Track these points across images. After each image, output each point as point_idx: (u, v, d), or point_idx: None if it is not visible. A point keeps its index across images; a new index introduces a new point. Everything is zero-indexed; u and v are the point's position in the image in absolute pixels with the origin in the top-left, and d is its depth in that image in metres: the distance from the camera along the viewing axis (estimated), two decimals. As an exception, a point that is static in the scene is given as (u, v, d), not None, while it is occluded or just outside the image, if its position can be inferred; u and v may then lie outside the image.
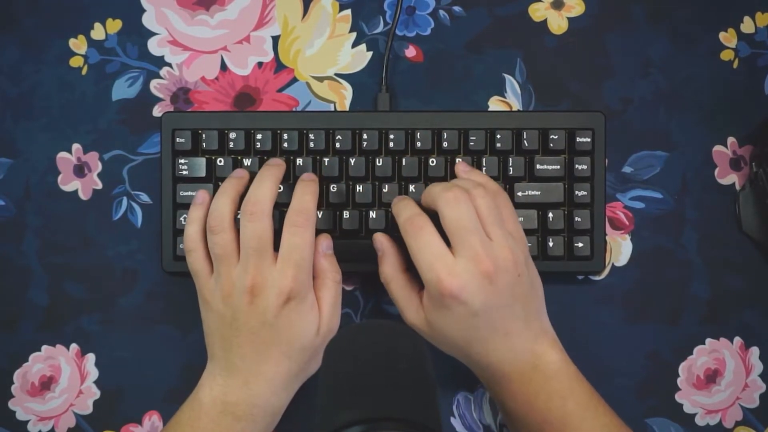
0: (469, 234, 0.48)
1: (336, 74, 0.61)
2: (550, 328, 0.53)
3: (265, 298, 0.49)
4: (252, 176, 0.53)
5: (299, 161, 0.57)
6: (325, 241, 0.53)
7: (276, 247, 0.51)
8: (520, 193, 0.57)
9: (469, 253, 0.48)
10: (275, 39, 0.62)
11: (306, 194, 0.52)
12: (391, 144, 0.57)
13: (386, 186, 0.57)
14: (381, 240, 0.54)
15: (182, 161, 0.57)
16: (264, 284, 0.49)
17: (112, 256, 0.60)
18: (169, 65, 0.61)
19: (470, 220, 0.49)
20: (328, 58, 0.61)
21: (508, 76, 0.61)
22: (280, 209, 0.55)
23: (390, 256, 0.53)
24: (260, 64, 0.61)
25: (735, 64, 0.62)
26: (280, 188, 0.55)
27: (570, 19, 0.62)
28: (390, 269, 0.53)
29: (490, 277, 0.48)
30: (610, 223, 0.60)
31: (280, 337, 0.50)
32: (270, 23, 0.62)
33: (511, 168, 0.57)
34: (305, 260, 0.50)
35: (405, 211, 0.51)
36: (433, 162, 0.57)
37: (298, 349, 0.51)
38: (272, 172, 0.52)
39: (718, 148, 0.61)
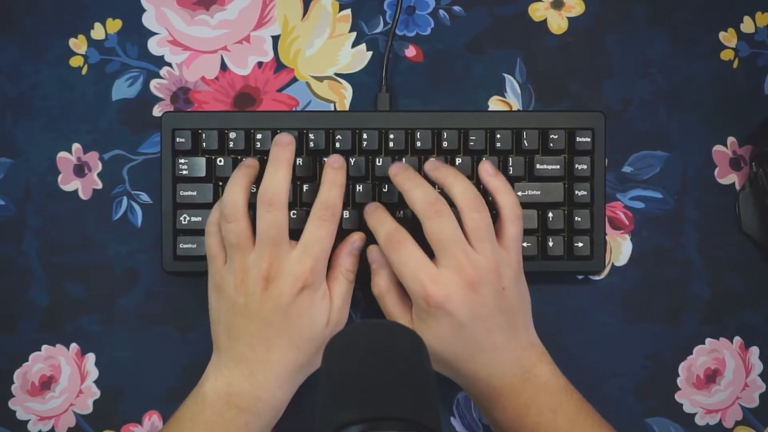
0: (451, 244, 0.49)
1: (336, 74, 0.61)
2: (538, 341, 0.53)
3: (281, 284, 0.49)
4: (261, 165, 0.53)
5: (299, 161, 0.57)
6: (359, 241, 0.54)
7: (291, 235, 0.51)
8: (520, 193, 0.57)
9: (452, 263, 0.49)
10: (275, 39, 0.62)
11: (333, 187, 0.52)
12: (391, 144, 0.57)
13: (386, 186, 0.57)
14: (376, 253, 0.53)
15: (182, 161, 0.57)
16: (280, 271, 0.50)
17: (112, 256, 0.60)
18: (169, 65, 0.61)
19: (453, 232, 0.49)
20: (328, 58, 0.61)
21: (508, 76, 0.61)
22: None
23: (384, 269, 0.53)
24: (260, 64, 0.61)
25: (735, 64, 0.62)
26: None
27: (570, 19, 0.62)
28: (384, 282, 0.53)
29: (474, 286, 0.48)
30: (610, 223, 0.60)
31: (291, 325, 0.50)
32: (270, 23, 0.62)
33: (511, 168, 0.57)
34: (324, 253, 0.50)
35: (382, 226, 0.51)
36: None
37: (307, 339, 0.51)
38: (285, 157, 0.52)
39: (718, 148, 0.61)
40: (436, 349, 0.50)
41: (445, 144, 0.57)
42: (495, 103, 0.61)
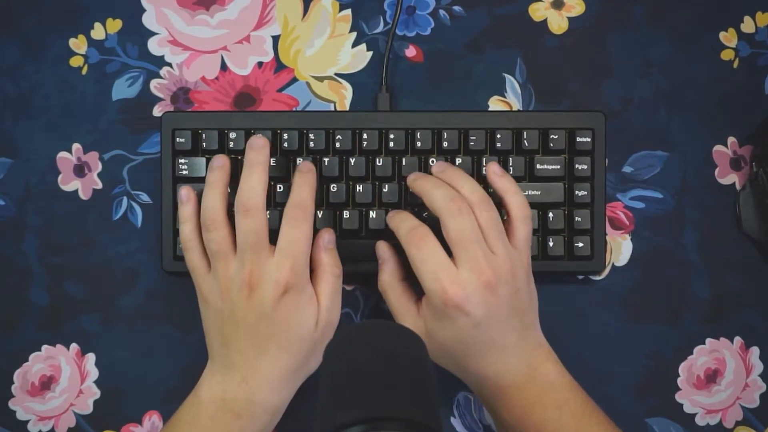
0: (471, 244, 0.49)
1: (336, 74, 0.61)
2: (545, 340, 0.53)
3: (263, 290, 0.49)
4: (234, 162, 0.54)
5: (299, 161, 0.57)
6: (327, 235, 0.53)
7: (272, 239, 0.51)
8: (520, 193, 0.57)
9: (471, 264, 0.49)
10: (275, 39, 0.62)
11: (304, 187, 0.52)
12: (391, 144, 0.57)
13: (386, 186, 0.57)
14: (384, 248, 0.54)
15: (182, 161, 0.57)
16: (261, 277, 0.49)
17: (112, 256, 0.60)
18: (169, 65, 0.61)
19: (473, 231, 0.49)
20: (328, 58, 0.61)
21: (508, 76, 0.61)
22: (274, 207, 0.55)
23: (390, 264, 0.54)
24: (260, 64, 0.61)
25: (735, 64, 0.62)
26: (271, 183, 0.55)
27: (570, 19, 0.62)
28: (389, 277, 0.53)
29: (492, 288, 0.48)
30: (610, 223, 0.60)
31: (278, 329, 0.50)
32: (270, 23, 0.62)
33: (511, 168, 0.57)
34: (302, 253, 0.50)
35: (405, 222, 0.51)
36: (433, 162, 0.57)
37: (296, 342, 0.51)
38: (259, 159, 0.51)
39: (718, 148, 0.61)
40: (445, 345, 0.50)
41: (445, 144, 0.57)
42: (495, 103, 0.61)
